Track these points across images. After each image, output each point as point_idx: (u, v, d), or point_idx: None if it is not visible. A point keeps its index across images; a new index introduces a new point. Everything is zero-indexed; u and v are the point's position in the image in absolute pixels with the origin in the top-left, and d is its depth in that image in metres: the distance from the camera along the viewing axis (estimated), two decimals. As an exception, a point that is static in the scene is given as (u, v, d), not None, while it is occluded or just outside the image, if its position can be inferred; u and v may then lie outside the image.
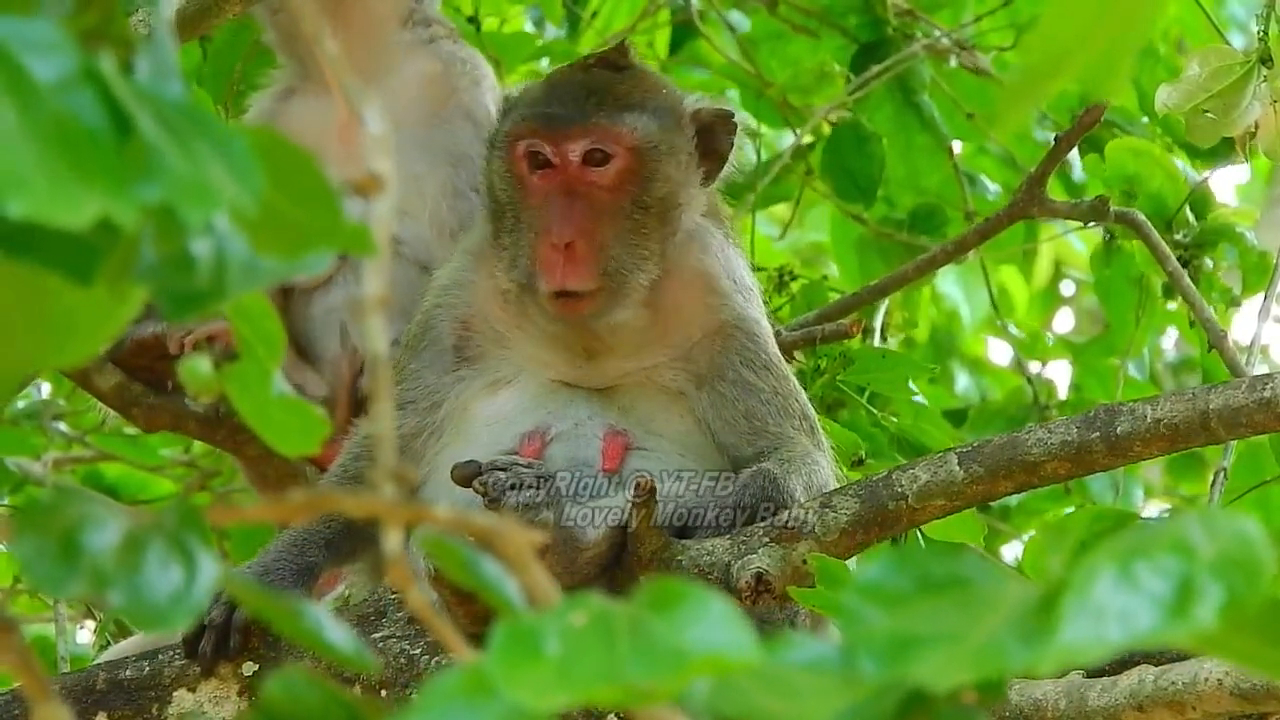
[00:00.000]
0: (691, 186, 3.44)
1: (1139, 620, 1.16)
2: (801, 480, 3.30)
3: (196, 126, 1.26)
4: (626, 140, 3.38)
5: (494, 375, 3.46)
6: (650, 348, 3.45)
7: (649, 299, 3.40)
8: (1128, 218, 4.29)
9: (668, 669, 1.14)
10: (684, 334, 3.45)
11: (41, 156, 1.19)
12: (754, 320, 3.49)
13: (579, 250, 3.31)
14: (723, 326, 3.46)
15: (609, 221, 3.35)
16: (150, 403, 4.13)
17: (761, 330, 3.50)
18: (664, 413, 3.42)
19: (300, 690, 1.48)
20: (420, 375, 3.48)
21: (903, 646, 1.20)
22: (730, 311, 3.48)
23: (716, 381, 3.42)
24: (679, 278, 3.45)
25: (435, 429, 3.45)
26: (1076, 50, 1.10)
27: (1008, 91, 1.16)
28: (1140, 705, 2.93)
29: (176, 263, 1.35)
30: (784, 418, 3.42)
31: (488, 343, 3.48)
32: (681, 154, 3.41)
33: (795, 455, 3.35)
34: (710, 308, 3.47)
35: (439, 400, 3.46)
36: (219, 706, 3.27)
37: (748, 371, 3.43)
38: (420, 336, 3.52)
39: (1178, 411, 3.09)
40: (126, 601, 1.34)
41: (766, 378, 3.44)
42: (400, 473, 1.44)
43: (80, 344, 1.44)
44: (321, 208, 1.36)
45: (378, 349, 1.46)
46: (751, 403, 3.42)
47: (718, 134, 3.46)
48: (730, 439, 3.40)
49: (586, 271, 3.31)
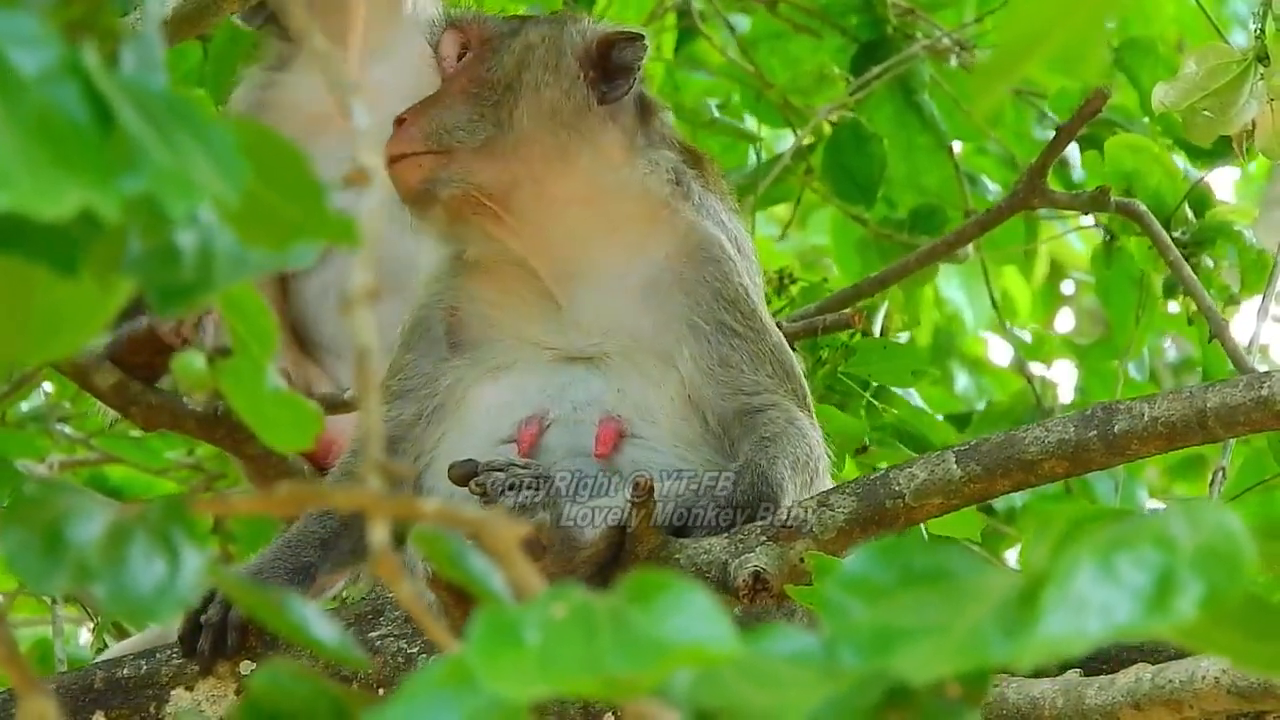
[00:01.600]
0: (577, 97, 3.44)
1: (1119, 612, 1.16)
2: (786, 460, 3.29)
3: (180, 119, 1.26)
4: (478, 33, 3.52)
5: (490, 361, 3.46)
6: (610, 269, 3.44)
7: (591, 213, 3.43)
8: (1128, 208, 4.29)
9: (648, 660, 1.14)
10: (644, 254, 3.45)
11: (24, 148, 1.19)
12: (720, 243, 3.48)
13: (407, 121, 3.42)
14: (685, 243, 3.46)
15: (448, 99, 3.45)
16: (149, 401, 4.14)
17: (729, 256, 3.47)
18: (656, 391, 3.41)
19: (287, 684, 1.48)
20: (416, 364, 3.49)
21: (884, 639, 1.20)
22: (695, 229, 3.47)
23: (692, 317, 3.40)
24: (628, 198, 3.46)
25: (434, 414, 3.45)
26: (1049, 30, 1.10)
27: (981, 72, 1.17)
28: (1137, 703, 2.93)
29: (162, 255, 1.35)
30: (758, 364, 3.40)
31: (478, 326, 3.49)
32: (558, 61, 3.44)
33: (777, 431, 3.33)
34: (670, 224, 3.47)
35: (436, 387, 3.46)
36: (216, 705, 3.27)
37: (720, 306, 3.41)
38: (413, 329, 3.53)
39: (1175, 410, 3.09)
40: (111, 594, 1.34)
41: (738, 316, 3.42)
42: (388, 467, 1.44)
43: (68, 337, 1.45)
44: (307, 200, 1.36)
45: (366, 342, 1.45)
46: (725, 350, 3.40)
47: (619, 51, 3.47)
48: (710, 391, 3.38)
49: (407, 136, 3.40)
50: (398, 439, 3.43)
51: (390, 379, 3.48)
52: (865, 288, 4.62)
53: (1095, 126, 4.59)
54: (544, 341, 3.44)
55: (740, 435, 3.35)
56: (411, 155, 3.38)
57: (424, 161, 3.39)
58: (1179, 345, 6.42)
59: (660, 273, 3.44)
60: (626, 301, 3.43)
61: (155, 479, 5.53)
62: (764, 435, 3.32)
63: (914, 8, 5.15)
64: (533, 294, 3.47)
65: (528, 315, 3.47)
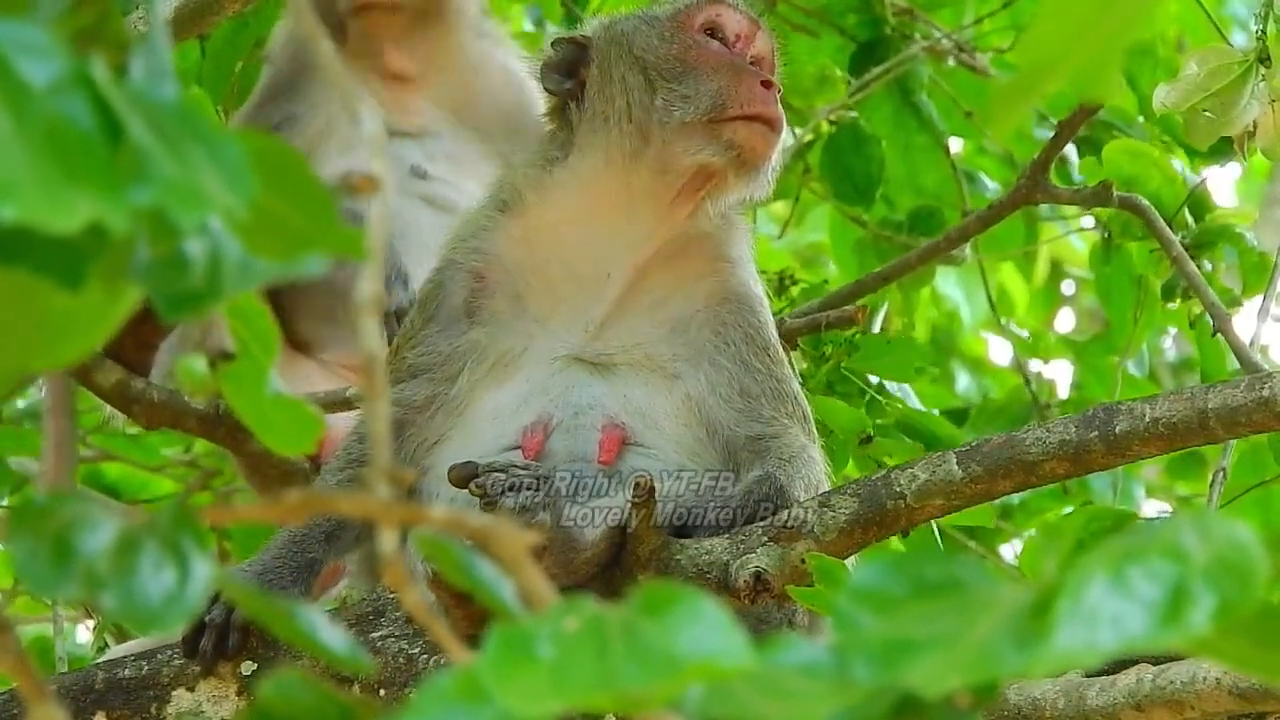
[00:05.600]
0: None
1: (1132, 625, 1.16)
2: (802, 481, 3.31)
3: (189, 130, 1.26)
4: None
5: (503, 345, 3.45)
6: (651, 292, 3.46)
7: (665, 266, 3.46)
8: (1131, 202, 4.28)
9: (661, 674, 1.14)
10: (684, 289, 3.46)
11: (32, 160, 1.18)
12: (760, 299, 3.53)
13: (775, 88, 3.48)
14: (726, 290, 3.48)
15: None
16: (151, 400, 4.14)
17: (764, 310, 3.53)
18: (662, 400, 3.41)
19: (295, 691, 1.48)
20: (433, 341, 3.48)
21: (896, 650, 1.19)
22: (738, 280, 3.51)
23: (716, 355, 3.43)
24: (687, 241, 3.48)
25: (444, 407, 3.44)
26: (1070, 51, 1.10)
27: (1001, 92, 1.16)
28: (1138, 705, 2.93)
29: (171, 263, 1.35)
30: (779, 402, 3.42)
31: (501, 299, 3.48)
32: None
33: (794, 454, 3.35)
34: (715, 268, 3.50)
35: (452, 372, 3.45)
36: (217, 706, 3.27)
37: (749, 351, 3.44)
38: (432, 295, 3.52)
39: (1176, 411, 3.09)
40: (120, 603, 1.34)
41: (764, 359, 3.45)
42: (395, 472, 1.44)
43: (74, 344, 1.44)
44: (316, 211, 1.36)
45: (373, 349, 1.46)
46: (747, 382, 3.42)
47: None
48: (723, 415, 3.39)
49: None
50: (405, 423, 3.42)
51: (406, 347, 3.48)
52: (868, 283, 4.62)
53: (1093, 129, 4.60)
54: (560, 336, 3.44)
55: (752, 457, 3.36)
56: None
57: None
58: (1179, 345, 6.42)
59: (695, 313, 3.47)
60: (652, 327, 3.45)
61: (152, 476, 5.53)
62: (782, 456, 3.35)
63: (912, 8, 5.14)
64: (566, 285, 3.46)
65: (553, 305, 3.46)
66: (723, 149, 3.39)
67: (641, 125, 3.43)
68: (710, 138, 3.40)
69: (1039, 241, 5.69)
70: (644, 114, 3.43)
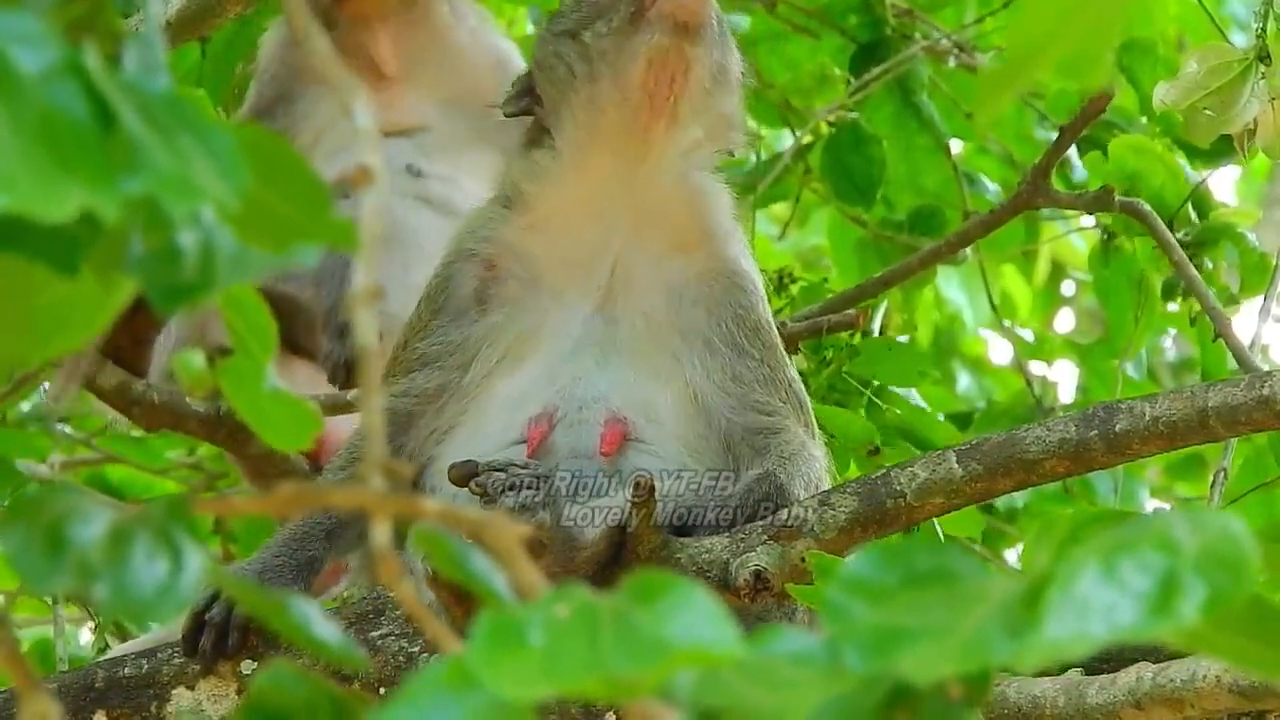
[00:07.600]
0: None
1: (1122, 616, 1.16)
2: (802, 479, 3.31)
3: (181, 120, 1.26)
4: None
5: (520, 325, 3.46)
6: (649, 256, 3.46)
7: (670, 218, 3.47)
8: (1132, 207, 4.28)
9: (650, 661, 1.14)
10: (679, 259, 3.47)
11: (24, 149, 1.19)
12: (752, 278, 3.52)
13: None
14: (718, 265, 3.48)
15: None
16: (151, 402, 4.14)
17: (756, 289, 3.52)
18: (662, 391, 3.41)
19: (289, 685, 1.48)
20: (444, 331, 3.48)
21: (887, 639, 1.19)
22: (730, 256, 3.50)
23: (709, 335, 3.43)
24: (669, 205, 3.48)
25: (458, 393, 3.44)
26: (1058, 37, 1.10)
27: (989, 78, 1.16)
28: (1139, 703, 2.93)
29: (164, 255, 1.35)
30: (771, 388, 3.42)
31: (513, 284, 3.49)
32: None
33: (794, 451, 3.35)
34: (709, 243, 3.50)
35: (465, 360, 3.45)
36: (217, 704, 3.27)
37: (740, 332, 3.44)
38: (440, 287, 3.53)
39: (1176, 409, 3.08)
40: (112, 594, 1.34)
41: (757, 345, 3.44)
42: (390, 466, 1.44)
43: (69, 335, 1.45)
44: (308, 203, 1.36)
45: (368, 343, 1.45)
46: (739, 368, 3.42)
47: None
48: (719, 402, 3.39)
49: None
50: (416, 414, 3.42)
51: (415, 338, 3.48)
52: (869, 287, 4.62)
53: (1095, 128, 4.59)
54: (575, 304, 3.44)
55: (753, 453, 3.35)
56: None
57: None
58: (1179, 345, 6.42)
59: (687, 284, 3.46)
60: (655, 292, 3.46)
61: (156, 479, 5.53)
62: (783, 454, 3.34)
63: (912, 8, 5.15)
64: (576, 253, 3.47)
65: (567, 277, 3.47)
66: (658, 28, 3.38)
67: (586, 72, 3.43)
68: (642, 27, 3.40)
69: (1039, 241, 5.69)
70: (582, 61, 3.44)
